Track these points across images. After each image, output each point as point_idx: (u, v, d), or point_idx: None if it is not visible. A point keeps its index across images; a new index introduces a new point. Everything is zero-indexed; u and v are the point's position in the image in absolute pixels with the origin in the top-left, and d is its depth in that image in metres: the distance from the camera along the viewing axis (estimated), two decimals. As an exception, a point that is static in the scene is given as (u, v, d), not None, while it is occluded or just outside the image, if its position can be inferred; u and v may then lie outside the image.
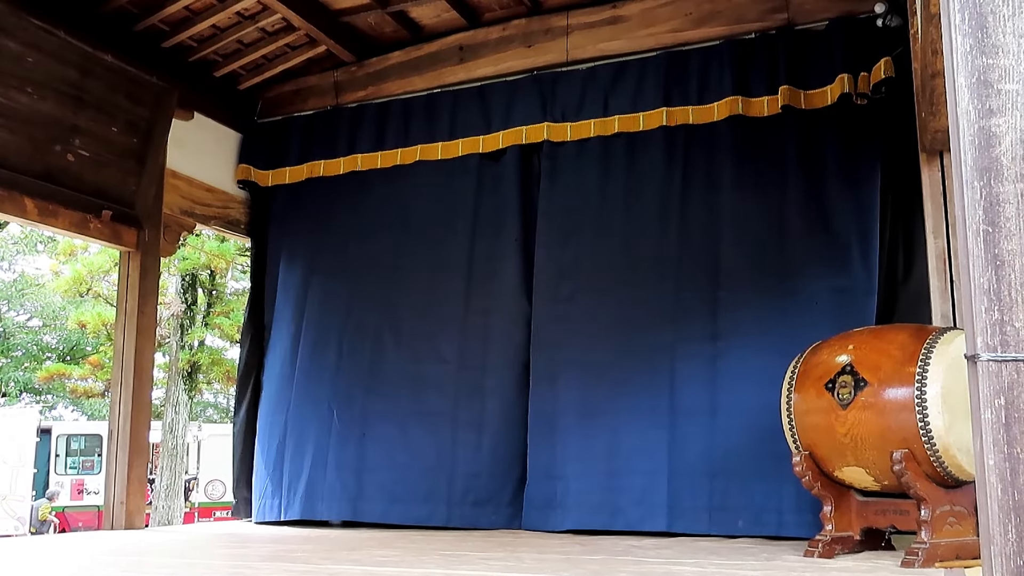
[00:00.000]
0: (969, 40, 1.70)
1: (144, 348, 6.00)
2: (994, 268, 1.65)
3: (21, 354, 24.22)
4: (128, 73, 5.86)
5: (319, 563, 3.94)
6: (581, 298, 5.68)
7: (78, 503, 17.85)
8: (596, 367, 5.54)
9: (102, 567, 3.96)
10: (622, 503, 5.30)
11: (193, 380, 15.59)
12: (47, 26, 5.33)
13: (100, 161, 5.78)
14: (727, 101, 5.40)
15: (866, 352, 3.79)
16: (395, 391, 6.07)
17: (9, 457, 16.66)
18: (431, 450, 5.87)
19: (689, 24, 5.69)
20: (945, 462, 3.53)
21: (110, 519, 5.76)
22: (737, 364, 5.19)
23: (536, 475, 5.58)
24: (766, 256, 5.28)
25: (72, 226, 5.64)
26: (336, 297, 6.39)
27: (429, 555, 4.17)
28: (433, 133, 6.23)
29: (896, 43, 4.86)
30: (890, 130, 5.06)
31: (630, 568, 3.68)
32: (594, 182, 5.77)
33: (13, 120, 5.26)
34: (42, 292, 23.57)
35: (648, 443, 5.30)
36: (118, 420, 5.86)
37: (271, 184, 6.69)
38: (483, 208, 6.07)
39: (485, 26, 6.25)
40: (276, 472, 6.25)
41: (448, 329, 6.02)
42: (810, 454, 3.91)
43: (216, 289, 16.34)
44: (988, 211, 1.66)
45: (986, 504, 1.63)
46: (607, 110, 5.74)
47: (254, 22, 6.10)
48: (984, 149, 1.67)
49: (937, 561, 3.44)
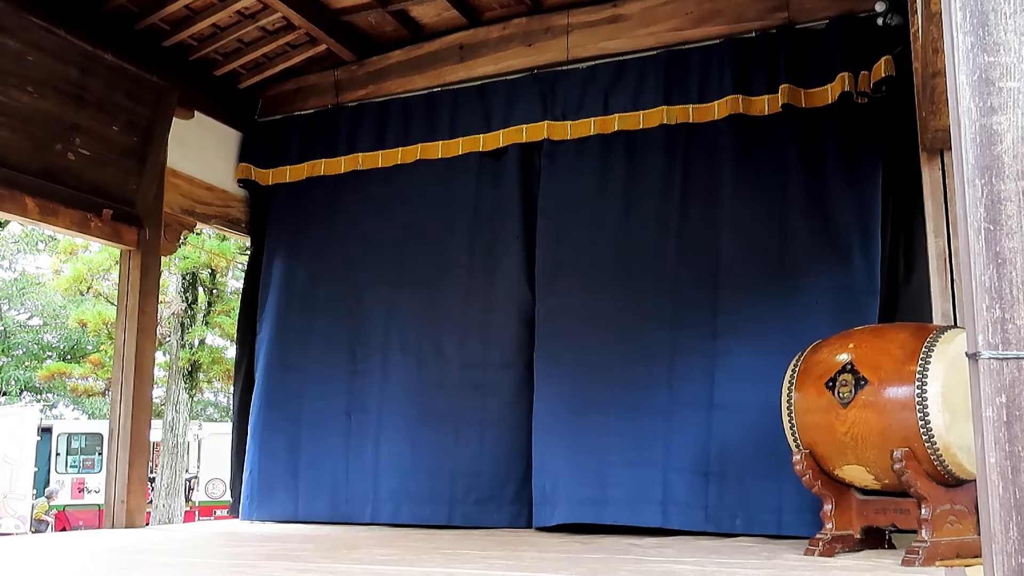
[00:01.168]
0: (970, 38, 1.70)
1: (145, 347, 6.00)
2: (995, 266, 1.65)
3: (22, 353, 24.24)
4: (128, 72, 5.86)
5: (320, 562, 3.94)
6: (581, 295, 5.67)
7: (79, 502, 17.86)
8: (598, 364, 5.53)
9: (103, 565, 3.97)
10: (621, 499, 5.30)
11: (194, 379, 15.60)
12: (47, 25, 5.33)
13: (101, 160, 5.78)
14: (727, 100, 5.40)
15: (867, 351, 3.79)
16: (398, 391, 6.07)
17: (10, 456, 16.67)
18: (435, 449, 5.88)
19: (689, 23, 5.69)
20: (946, 460, 3.53)
21: (111, 518, 5.76)
22: (737, 362, 5.19)
23: (540, 471, 5.59)
24: (766, 255, 5.28)
25: (73, 225, 5.64)
26: (340, 296, 6.38)
27: (430, 554, 4.17)
28: (434, 132, 6.23)
29: (896, 42, 4.86)
30: (890, 129, 5.05)
31: (630, 566, 3.68)
32: (594, 180, 5.78)
33: (13, 119, 5.26)
34: (43, 291, 23.59)
35: (648, 440, 5.30)
36: (119, 419, 5.86)
37: (271, 183, 6.69)
38: (483, 206, 6.07)
39: (485, 25, 6.25)
40: (289, 471, 6.23)
41: (449, 327, 6.02)
42: (810, 453, 3.91)
43: (216, 288, 16.35)
44: (989, 209, 1.66)
45: (987, 502, 1.63)
46: (607, 109, 5.74)
47: (254, 21, 6.10)
48: (985, 147, 1.67)
49: (938, 560, 3.43)
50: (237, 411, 6.73)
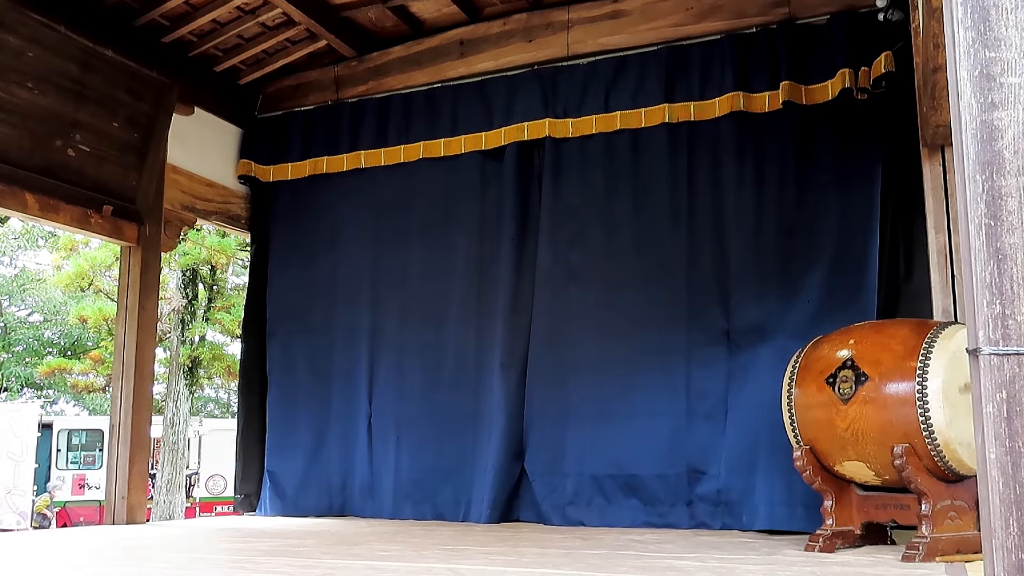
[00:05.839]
0: (971, 33, 1.70)
1: (145, 343, 6.00)
2: (996, 262, 1.65)
3: (22, 349, 24.23)
4: (129, 68, 5.86)
5: (320, 557, 3.94)
6: (583, 295, 5.69)
7: (79, 498, 17.87)
8: (599, 365, 5.55)
9: (104, 561, 3.97)
10: (621, 498, 5.32)
11: (194, 375, 15.60)
12: (47, 21, 5.32)
13: (101, 156, 5.78)
14: (728, 97, 5.39)
15: (867, 347, 3.79)
16: (404, 389, 6.10)
17: (11, 452, 16.68)
18: (435, 448, 5.91)
19: (690, 18, 5.68)
20: (946, 456, 3.53)
21: (111, 514, 5.77)
22: (740, 360, 5.20)
23: (537, 471, 5.59)
24: (766, 252, 5.28)
25: (73, 221, 5.65)
26: (347, 295, 6.39)
27: (430, 550, 4.17)
28: (435, 129, 6.22)
29: (897, 37, 4.86)
30: (891, 125, 5.05)
31: (631, 562, 3.68)
32: (596, 179, 5.76)
33: (14, 115, 5.26)
34: (43, 287, 23.58)
35: (651, 439, 5.31)
36: (119, 415, 5.87)
37: (273, 179, 6.69)
38: (487, 206, 6.06)
39: (486, 21, 6.25)
40: (303, 469, 6.26)
41: (451, 327, 6.03)
42: (811, 448, 3.91)
43: (217, 284, 16.34)
44: (990, 205, 1.66)
45: (987, 498, 1.63)
46: (608, 105, 5.73)
47: (254, 17, 6.10)
48: (986, 143, 1.67)
49: (938, 555, 3.44)
50: (243, 409, 6.72)
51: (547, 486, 5.55)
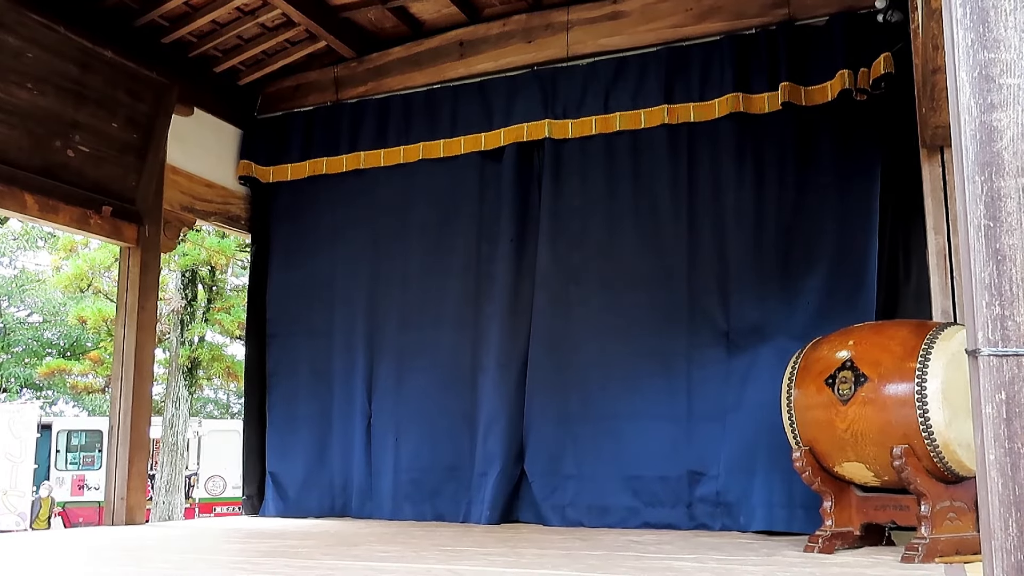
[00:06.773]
0: (971, 34, 1.70)
1: (144, 344, 6.00)
2: (995, 263, 1.65)
3: (22, 350, 24.24)
4: (128, 69, 5.86)
5: (320, 558, 3.94)
6: (583, 297, 5.69)
7: (79, 499, 17.86)
8: (599, 366, 5.55)
9: (103, 562, 3.97)
10: (621, 499, 5.32)
11: (193, 376, 15.60)
12: (47, 21, 5.32)
13: (100, 157, 5.78)
14: (728, 98, 5.39)
15: (866, 348, 3.79)
16: (405, 390, 6.09)
17: (10, 453, 16.67)
18: (435, 447, 5.91)
19: (690, 19, 5.68)
20: (945, 457, 3.53)
21: (111, 515, 5.77)
22: (740, 361, 5.20)
23: (537, 472, 5.59)
24: (766, 253, 5.28)
25: (72, 222, 5.64)
26: (349, 295, 6.38)
27: (429, 551, 4.17)
28: (434, 130, 6.22)
29: (896, 38, 4.86)
30: (890, 126, 5.05)
31: (630, 563, 3.68)
32: (598, 180, 5.76)
33: (13, 116, 5.26)
34: (43, 288, 23.59)
35: (651, 440, 5.31)
36: (118, 416, 5.87)
37: (272, 180, 6.69)
38: (487, 207, 6.06)
39: (485, 22, 6.25)
40: (306, 469, 6.26)
41: (450, 327, 6.02)
42: (810, 449, 3.91)
43: (216, 285, 16.35)
44: (989, 206, 1.66)
45: (987, 499, 1.63)
46: (608, 107, 5.73)
47: (254, 17, 6.10)
48: (985, 144, 1.67)
49: (937, 556, 3.44)
50: (255, 408, 6.71)
51: (547, 487, 5.55)
